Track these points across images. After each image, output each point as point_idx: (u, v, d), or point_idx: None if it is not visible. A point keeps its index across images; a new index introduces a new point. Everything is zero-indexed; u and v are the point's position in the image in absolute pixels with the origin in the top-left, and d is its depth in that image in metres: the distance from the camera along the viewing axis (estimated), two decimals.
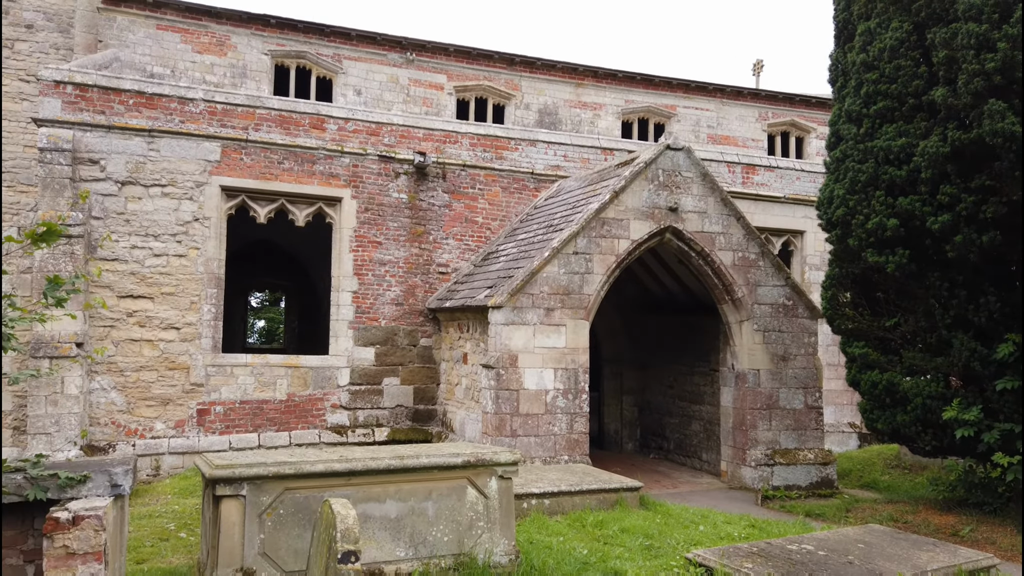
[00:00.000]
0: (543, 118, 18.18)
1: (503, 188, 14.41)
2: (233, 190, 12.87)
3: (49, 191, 11.67)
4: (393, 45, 18.01)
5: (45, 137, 11.77)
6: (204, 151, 12.65)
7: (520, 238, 13.11)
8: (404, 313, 13.67)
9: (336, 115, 13.63)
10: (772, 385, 11.73)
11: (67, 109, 11.95)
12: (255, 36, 17.70)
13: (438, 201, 14.02)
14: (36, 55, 17.43)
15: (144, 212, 12.25)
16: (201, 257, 12.52)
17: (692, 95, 19.00)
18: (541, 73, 18.16)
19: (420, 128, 14.02)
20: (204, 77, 17.53)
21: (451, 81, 18.23)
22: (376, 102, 18.07)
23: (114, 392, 11.85)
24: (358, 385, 13.29)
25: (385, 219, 13.67)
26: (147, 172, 12.30)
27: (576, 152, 14.91)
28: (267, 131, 13.06)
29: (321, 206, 13.47)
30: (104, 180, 12.07)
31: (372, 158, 13.64)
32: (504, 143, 14.48)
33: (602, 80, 18.44)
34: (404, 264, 13.76)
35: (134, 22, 17.12)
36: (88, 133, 12.00)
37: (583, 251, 10.89)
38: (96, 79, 12.25)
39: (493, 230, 14.33)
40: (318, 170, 13.33)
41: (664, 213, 11.21)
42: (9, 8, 17.27)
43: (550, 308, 10.73)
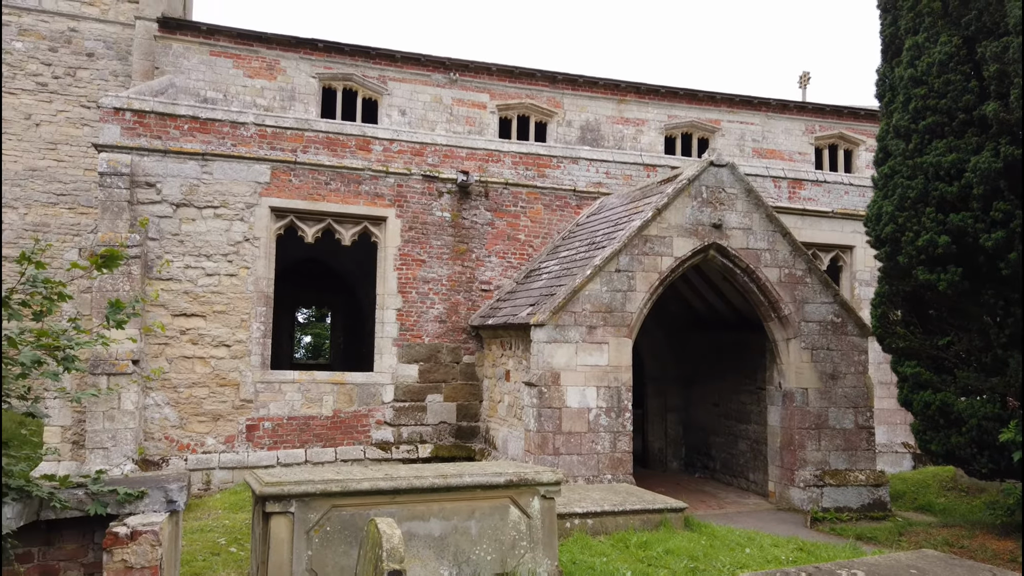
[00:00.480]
0: (585, 135, 18.22)
1: (545, 205, 14.48)
2: (282, 211, 13.21)
3: (108, 213, 12.15)
4: (437, 66, 18.29)
5: (105, 162, 12.28)
6: (255, 173, 13.03)
7: (562, 255, 13.15)
8: (447, 330, 13.80)
9: (382, 136, 13.91)
10: (821, 404, 11.49)
11: (126, 135, 12.45)
12: (303, 60, 18.18)
13: (481, 219, 14.16)
14: (96, 82, 18.20)
15: (197, 233, 12.66)
16: (251, 276, 12.86)
17: (736, 109, 18.83)
18: (583, 90, 18.23)
19: (463, 147, 14.21)
20: (255, 100, 18.06)
21: (494, 100, 18.42)
22: (420, 122, 18.37)
23: (167, 408, 12.21)
24: (402, 402, 13.44)
25: (429, 237, 13.86)
26: (200, 194, 12.72)
27: (618, 169, 14.91)
28: (315, 153, 13.39)
29: (367, 225, 13.73)
30: (160, 203, 12.52)
31: (416, 178, 13.86)
32: (546, 161, 14.58)
33: (644, 96, 18.42)
34: (447, 282, 13.91)
35: (189, 49, 17.75)
36: (145, 157, 12.48)
37: (625, 269, 10.87)
38: (153, 105, 12.74)
39: (535, 247, 14.40)
40: (364, 190, 13.60)
41: (708, 230, 11.13)
42: (72, 38, 18.09)
43: (592, 326, 10.72)
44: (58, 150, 17.72)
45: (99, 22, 18.14)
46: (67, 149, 17.75)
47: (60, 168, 17.64)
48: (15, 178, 17.36)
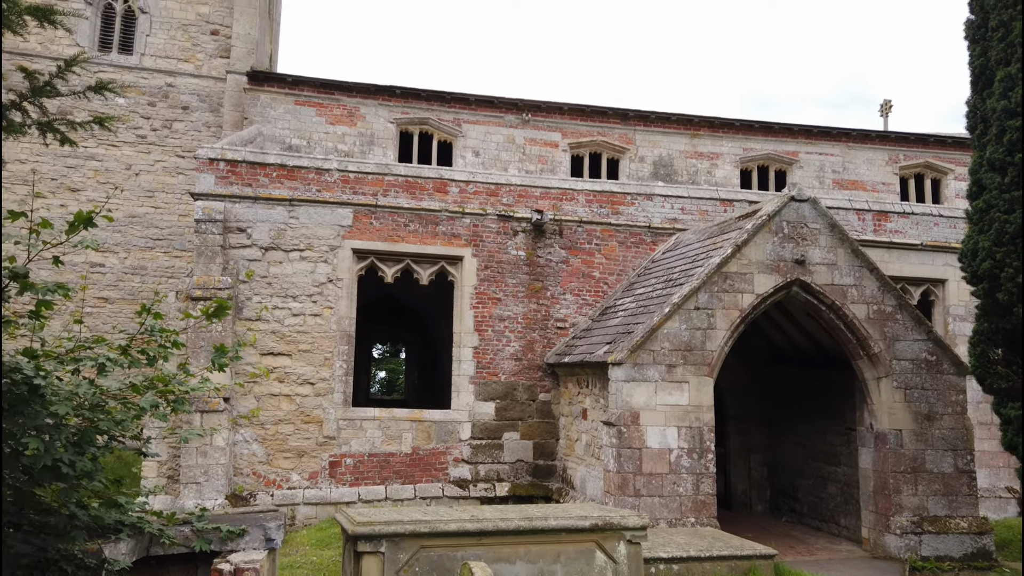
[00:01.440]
0: (658, 170, 18.20)
1: (620, 242, 14.47)
2: (363, 252, 13.63)
3: (203, 258, 12.80)
4: (509, 107, 18.71)
5: (200, 209, 12.98)
6: (338, 217, 13.52)
7: (638, 292, 13.07)
8: (523, 368, 13.86)
9: (458, 178, 14.24)
10: (916, 446, 10.95)
11: (220, 183, 13.15)
12: (382, 106, 18.90)
13: (555, 257, 14.25)
14: (191, 133, 19.33)
15: (284, 275, 13.18)
16: (334, 316, 13.28)
17: (815, 140, 18.47)
18: (655, 126, 18.26)
19: (537, 187, 14.39)
20: (336, 146, 18.85)
21: (565, 138, 18.66)
22: (493, 161, 18.75)
23: (255, 444, 12.63)
24: (479, 439, 13.51)
25: (504, 276, 14.02)
26: (287, 238, 13.27)
27: (694, 204, 14.79)
28: (394, 196, 13.81)
29: (443, 265, 14.01)
30: (250, 247, 13.12)
31: (492, 218, 14.10)
32: (620, 198, 14.60)
33: (718, 130, 18.30)
34: (523, 320, 14.00)
35: (275, 99, 18.73)
36: (237, 204, 13.13)
37: (705, 306, 10.72)
38: (245, 155, 13.44)
39: (610, 284, 14.37)
40: (441, 231, 13.91)
41: (790, 266, 10.89)
42: (168, 92, 19.31)
43: (672, 364, 10.58)
44: (155, 197, 18.82)
45: (194, 77, 19.32)
46: (163, 196, 18.83)
47: (157, 214, 18.72)
48: (116, 225, 18.49)
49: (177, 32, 19.29)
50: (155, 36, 19.15)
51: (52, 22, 3.76)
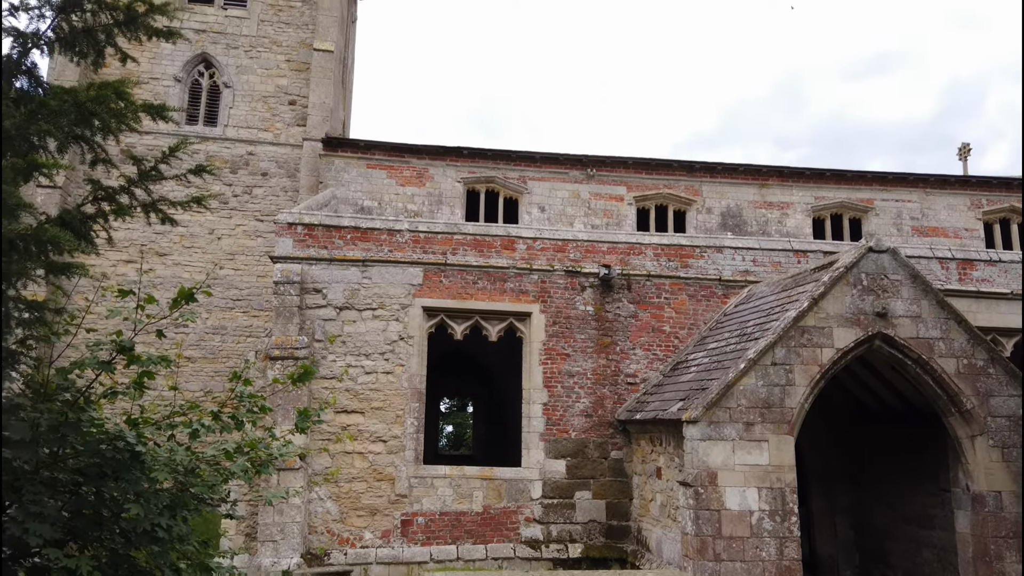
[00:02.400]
0: (726, 220, 18.01)
1: (690, 296, 14.29)
2: (433, 310, 13.86)
3: (281, 318, 13.25)
4: (574, 163, 18.94)
5: (279, 271, 13.49)
6: (409, 276, 13.83)
7: (711, 347, 12.81)
8: (594, 425, 13.67)
9: (525, 235, 14.42)
10: (1018, 510, 10.22)
11: (297, 246, 13.67)
12: (450, 166, 19.42)
13: (624, 312, 14.16)
14: (269, 198, 20.25)
15: (358, 334, 13.50)
16: (405, 373, 13.46)
17: (890, 187, 17.99)
18: (722, 177, 18.16)
19: (604, 242, 14.43)
20: (406, 206, 19.39)
21: (631, 192, 18.72)
22: (559, 217, 18.92)
23: (329, 502, 12.77)
24: (550, 499, 13.31)
25: (573, 331, 13.99)
26: (361, 297, 13.63)
27: (766, 256, 14.53)
28: (463, 254, 14.07)
29: (512, 321, 14.09)
30: (325, 307, 13.52)
31: (559, 273, 14.16)
32: (688, 251, 14.48)
33: (788, 179, 18.06)
34: (592, 375, 13.88)
35: (348, 163, 19.48)
36: (313, 266, 13.60)
37: (782, 362, 10.42)
38: (321, 219, 13.97)
39: (681, 339, 14.15)
40: (509, 287, 14.04)
41: (871, 319, 10.52)
42: (249, 160, 20.34)
43: (749, 422, 10.26)
44: (235, 260, 19.68)
45: (272, 145, 20.33)
46: (243, 259, 19.67)
47: (237, 276, 19.53)
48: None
49: (258, 103, 20.41)
50: (237, 108, 20.30)
51: (164, 117, 4.08)
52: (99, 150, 4.00)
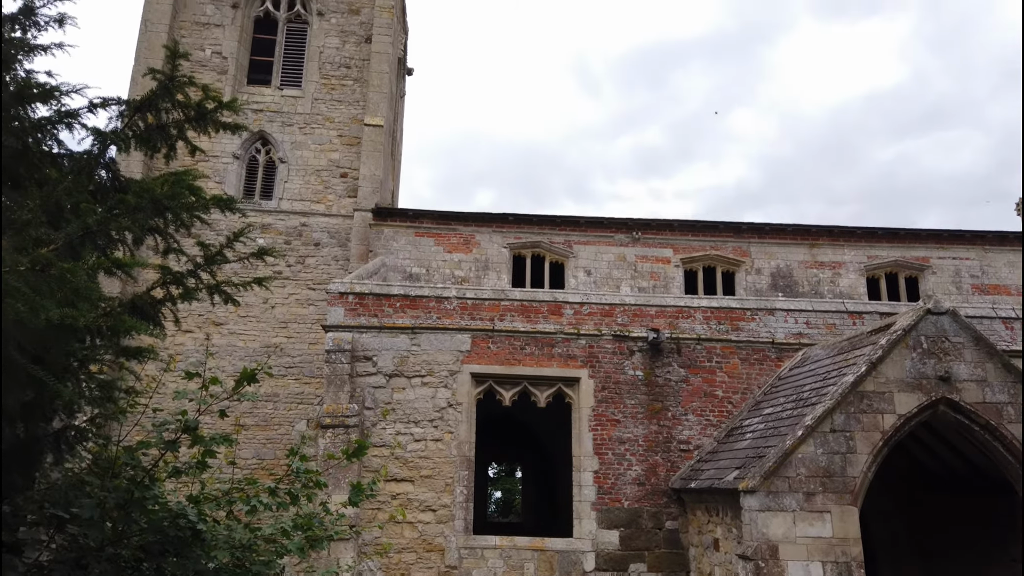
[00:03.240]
0: (776, 281, 17.77)
1: (742, 360, 14.02)
2: (481, 376, 13.88)
3: (332, 386, 13.42)
4: (619, 227, 19.05)
5: (331, 340, 13.74)
6: (457, 342, 13.93)
7: (766, 412, 12.49)
8: (647, 493, 13.33)
9: (572, 300, 14.45)
10: None
11: (348, 315, 13.94)
12: (495, 232, 19.72)
13: (674, 376, 13.95)
14: (321, 267, 20.78)
15: (407, 401, 13.57)
16: (454, 441, 13.42)
17: (946, 245, 17.57)
18: (770, 238, 18.01)
19: (652, 306, 14.35)
20: (453, 272, 19.68)
21: (677, 254, 18.67)
22: (605, 280, 18.94)
23: (379, 573, 12.62)
24: (603, 571, 12.92)
25: (622, 397, 13.82)
26: (410, 365, 13.75)
27: (819, 318, 14.24)
28: (510, 320, 14.14)
29: (560, 386, 14.00)
30: (375, 374, 13.67)
31: (607, 338, 14.09)
32: (739, 314, 14.29)
33: (838, 239, 17.81)
34: (644, 442, 13.62)
35: (397, 232, 19.95)
36: (364, 334, 13.83)
37: (841, 428, 10.09)
38: (371, 288, 14.27)
39: (735, 403, 13.83)
40: (556, 352, 14.01)
41: (934, 383, 10.15)
42: (302, 231, 20.98)
43: (810, 492, 9.89)
44: (288, 328, 20.11)
45: (324, 216, 20.96)
46: (295, 327, 20.09)
47: (289, 343, 19.92)
48: (253, 354, 19.77)
49: (311, 177, 21.18)
50: (292, 182, 21.09)
51: (233, 210, 4.30)
52: (171, 241, 4.23)
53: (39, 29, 5.60)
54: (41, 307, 2.67)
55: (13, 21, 5.55)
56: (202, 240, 4.40)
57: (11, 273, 2.59)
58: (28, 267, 2.81)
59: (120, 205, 3.50)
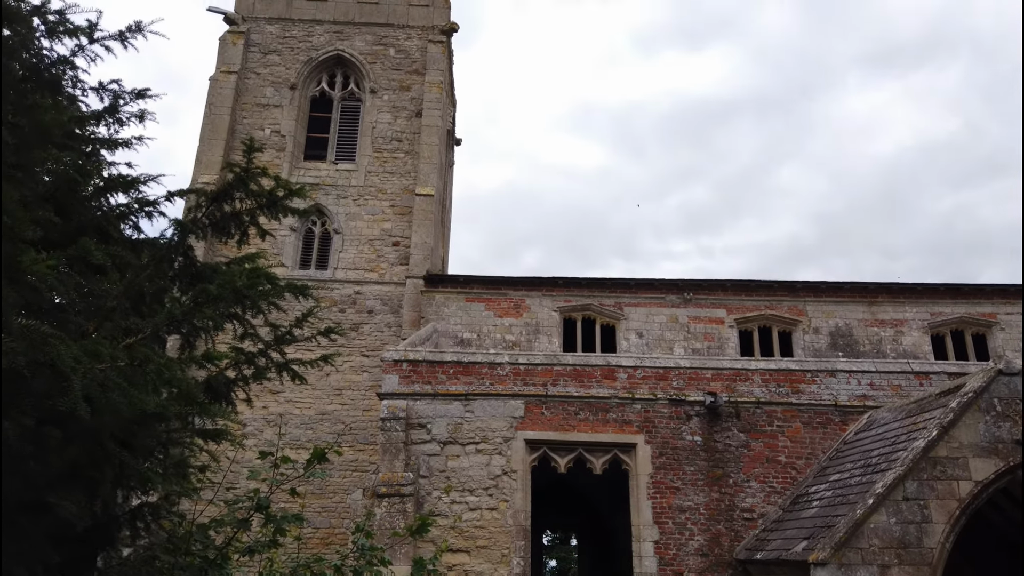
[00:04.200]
0: (836, 340, 17.34)
1: (804, 423, 13.60)
2: (536, 442, 13.75)
3: (388, 454, 13.46)
4: (670, 288, 18.95)
5: (386, 408, 13.85)
6: (510, 408, 13.89)
7: (833, 479, 12.03)
8: (710, 565, 12.85)
9: (625, 364, 14.33)
10: None
11: (402, 382, 14.07)
12: (545, 296, 19.82)
13: (734, 441, 13.59)
14: (374, 334, 21.09)
15: (461, 469, 13.49)
16: (510, 510, 13.23)
17: (1012, 299, 16.97)
18: (827, 296, 17.66)
19: (708, 368, 14.12)
20: (504, 337, 19.76)
21: (731, 314, 18.43)
22: (657, 342, 18.74)
23: None
24: None
25: (681, 463, 13.49)
26: (464, 432, 13.73)
27: (883, 379, 13.78)
28: (563, 385, 14.06)
29: (616, 452, 13.76)
30: (430, 442, 13.67)
31: (663, 402, 13.87)
32: (799, 376, 13.93)
33: (898, 296, 17.36)
34: (705, 510, 13.20)
35: (448, 298, 20.22)
36: (418, 401, 13.90)
37: (915, 496, 9.64)
38: (424, 355, 14.41)
39: (799, 469, 13.36)
40: (611, 417, 13.83)
41: (1010, 447, 9.68)
42: (356, 299, 21.42)
43: (885, 564, 9.40)
44: (342, 395, 20.34)
45: (377, 284, 21.40)
46: (349, 394, 20.31)
47: (343, 411, 20.12)
48: (308, 422, 20.02)
49: (364, 247, 21.74)
50: (346, 251, 21.67)
51: (306, 295, 4.49)
52: (248, 326, 4.42)
53: (121, 125, 6.01)
54: (140, 400, 2.83)
55: (98, 118, 5.98)
56: (272, 320, 4.57)
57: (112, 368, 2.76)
58: (127, 363, 2.98)
59: (203, 295, 3.70)
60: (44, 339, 2.58)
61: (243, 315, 4.21)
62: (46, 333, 2.62)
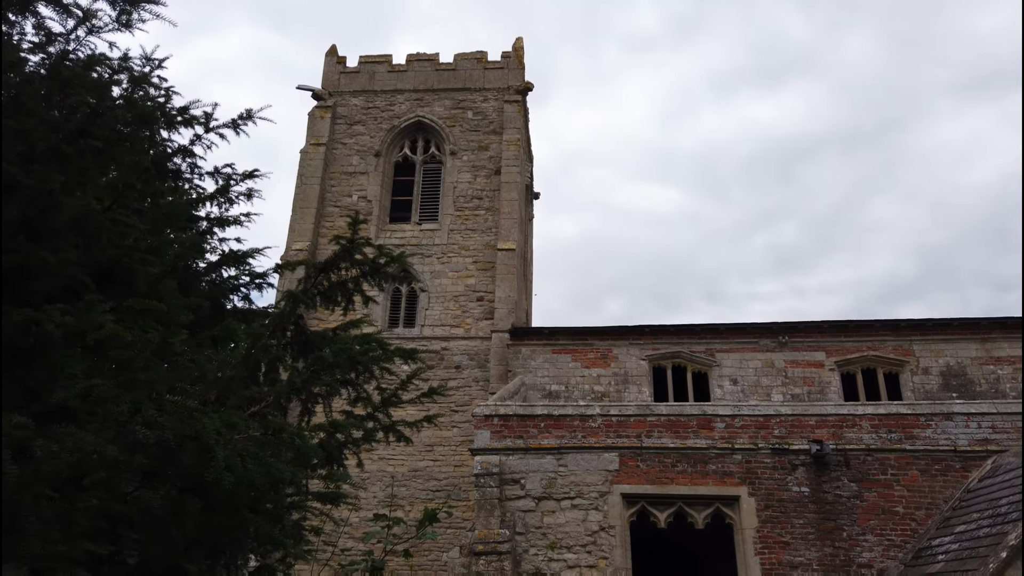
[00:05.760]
0: (948, 381, 16.31)
1: (921, 471, 12.74)
2: (633, 497, 13.37)
3: (483, 511, 13.37)
4: (763, 332, 18.37)
5: (479, 464, 13.82)
6: (604, 462, 13.61)
7: (958, 531, 11.16)
8: None
9: (722, 413, 13.86)
10: None
11: (494, 438, 14.04)
12: (633, 345, 19.55)
13: (845, 492, 12.84)
14: (462, 388, 21.25)
15: (557, 525, 13.24)
16: (610, 567, 12.84)
17: None
18: (934, 334, 16.71)
19: (811, 415, 13.49)
20: (592, 388, 19.53)
21: (831, 356, 17.66)
22: (753, 389, 18.11)
23: None
24: None
25: (788, 516, 12.82)
26: (558, 486, 13.51)
27: (1007, 421, 12.80)
28: (658, 436, 13.70)
29: (718, 506, 13.22)
30: (524, 497, 13.51)
31: (764, 452, 13.30)
32: (911, 420, 13.12)
33: (1014, 331, 16.25)
34: (818, 566, 12.44)
35: (534, 351, 20.22)
36: (510, 456, 13.82)
37: None
38: (515, 410, 14.38)
39: (919, 520, 12.47)
40: (711, 469, 13.34)
41: None
42: (444, 355, 21.69)
43: None
44: (433, 451, 20.47)
45: (464, 339, 21.65)
46: (440, 450, 20.43)
47: (435, 467, 20.22)
48: (402, 479, 20.19)
49: (450, 303, 22.11)
50: (432, 309, 22.08)
51: (414, 358, 4.62)
52: (361, 391, 4.56)
53: (231, 204, 6.40)
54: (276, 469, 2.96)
55: (211, 199, 6.38)
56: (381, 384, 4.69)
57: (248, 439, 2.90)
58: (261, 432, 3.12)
59: (318, 362, 3.86)
60: (190, 414, 2.73)
61: (356, 380, 4.35)
62: (191, 408, 2.77)
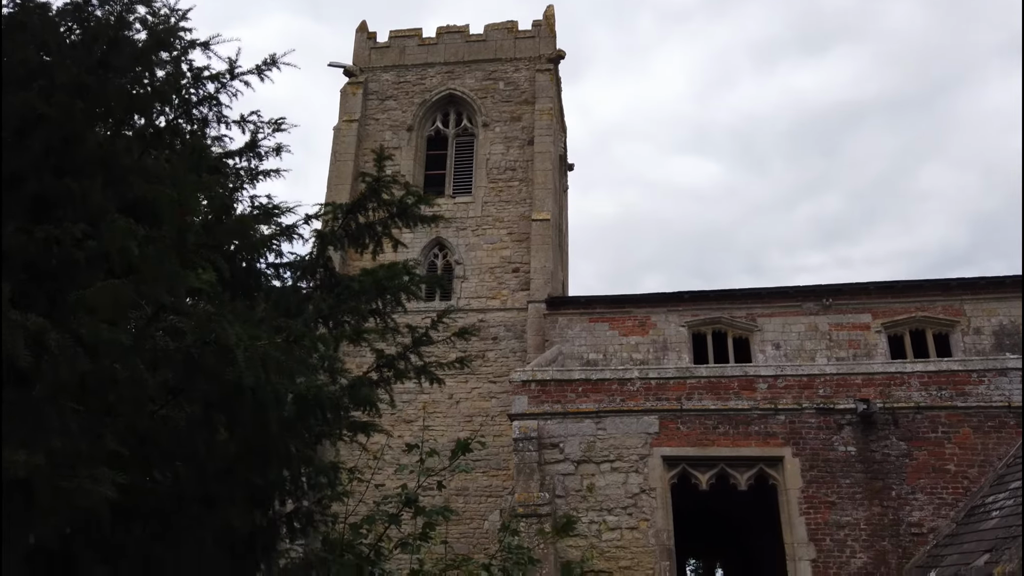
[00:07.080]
0: (1001, 340, 15.75)
1: (973, 428, 12.36)
2: (673, 459, 13.26)
3: (522, 475, 13.40)
4: (806, 295, 17.95)
5: (517, 428, 13.84)
6: (644, 424, 13.50)
7: (1013, 487, 10.81)
8: None
9: (764, 374, 13.63)
10: None
11: (532, 403, 14.02)
12: (671, 312, 19.28)
13: (894, 451, 12.53)
14: (500, 360, 21.25)
15: (597, 488, 13.21)
16: (651, 529, 12.78)
17: None
18: (985, 293, 16.14)
19: (857, 374, 13.18)
20: (631, 356, 19.35)
21: (877, 319, 17.18)
22: (796, 353, 17.73)
23: None
24: None
25: (835, 476, 12.57)
26: (597, 450, 13.46)
27: None
28: (699, 399, 13.53)
29: (762, 467, 13.03)
30: (563, 461, 13.50)
31: (809, 412, 13.04)
32: (964, 377, 12.71)
33: None
34: (866, 526, 12.20)
35: (571, 320, 20.10)
36: (549, 421, 13.80)
37: None
38: (552, 375, 14.34)
39: (971, 479, 12.12)
40: (753, 431, 13.14)
41: None
42: (480, 327, 21.67)
43: None
44: (473, 421, 20.55)
45: (500, 311, 21.61)
46: (479, 420, 20.49)
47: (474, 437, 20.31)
48: (443, 450, 20.23)
49: (485, 275, 22.08)
50: (468, 281, 22.07)
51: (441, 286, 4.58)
52: (390, 320, 4.53)
53: (260, 159, 6.40)
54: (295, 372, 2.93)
55: (239, 154, 6.39)
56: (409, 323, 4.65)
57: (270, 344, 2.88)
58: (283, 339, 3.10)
59: (346, 291, 3.83)
60: (209, 317, 2.72)
61: (383, 309, 4.32)
62: (211, 312, 2.76)
